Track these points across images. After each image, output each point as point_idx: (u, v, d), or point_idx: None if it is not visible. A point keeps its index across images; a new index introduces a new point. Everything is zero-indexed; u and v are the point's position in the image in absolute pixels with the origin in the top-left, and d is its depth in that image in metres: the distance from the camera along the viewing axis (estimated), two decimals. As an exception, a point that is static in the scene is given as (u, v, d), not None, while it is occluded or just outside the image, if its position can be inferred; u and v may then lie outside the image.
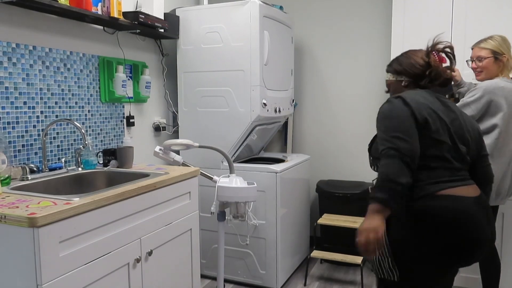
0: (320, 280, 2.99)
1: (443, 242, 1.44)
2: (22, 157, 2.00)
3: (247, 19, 2.69)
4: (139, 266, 1.80)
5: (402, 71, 1.68)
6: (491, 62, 2.12)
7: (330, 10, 3.41)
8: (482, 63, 2.15)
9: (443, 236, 1.44)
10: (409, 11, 2.84)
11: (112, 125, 2.55)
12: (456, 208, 1.44)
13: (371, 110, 3.36)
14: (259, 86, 2.71)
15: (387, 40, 3.21)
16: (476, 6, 2.68)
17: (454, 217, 1.44)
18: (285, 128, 3.59)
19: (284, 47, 3.07)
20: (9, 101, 1.94)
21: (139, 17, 2.40)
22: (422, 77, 1.64)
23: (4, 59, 1.91)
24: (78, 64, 2.30)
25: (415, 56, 1.67)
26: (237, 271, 2.87)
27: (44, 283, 1.35)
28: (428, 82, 1.64)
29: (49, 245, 1.36)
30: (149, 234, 1.86)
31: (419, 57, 1.66)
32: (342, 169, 3.50)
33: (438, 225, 1.44)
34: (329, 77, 3.47)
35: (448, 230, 1.43)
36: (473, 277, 2.58)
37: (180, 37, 2.92)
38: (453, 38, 2.74)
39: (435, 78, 1.63)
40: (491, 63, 2.13)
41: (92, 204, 1.52)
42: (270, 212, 2.72)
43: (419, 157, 1.45)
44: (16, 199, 1.52)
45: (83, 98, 2.34)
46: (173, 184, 2.02)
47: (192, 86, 2.92)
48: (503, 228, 2.52)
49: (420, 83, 1.65)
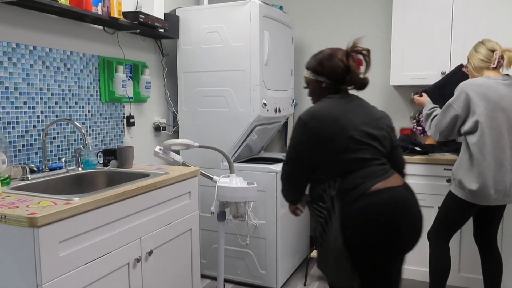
0: (320, 280, 2.99)
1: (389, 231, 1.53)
2: (22, 157, 2.00)
3: (247, 19, 2.69)
4: (139, 266, 1.80)
5: (323, 72, 1.73)
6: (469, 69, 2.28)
7: (330, 10, 3.41)
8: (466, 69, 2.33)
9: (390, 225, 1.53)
10: (409, 11, 2.84)
11: (112, 125, 2.55)
12: (392, 198, 1.56)
13: (371, 110, 3.36)
14: (259, 86, 2.71)
15: (387, 40, 3.21)
16: (476, 6, 2.68)
17: (394, 206, 1.54)
18: (285, 128, 3.59)
19: (284, 47, 3.07)
20: (9, 101, 1.94)
21: (139, 17, 2.40)
22: (342, 81, 1.72)
23: (4, 59, 1.91)
24: (78, 64, 2.30)
25: (336, 57, 1.71)
26: (237, 271, 2.87)
27: (44, 283, 1.35)
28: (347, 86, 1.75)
29: (49, 245, 1.36)
30: (149, 234, 1.86)
31: (339, 59, 1.71)
32: (342, 169, 3.49)
33: (381, 217, 1.52)
34: (329, 77, 3.47)
35: (392, 218, 1.54)
36: (475, 277, 2.59)
37: (180, 37, 2.92)
38: (453, 38, 2.74)
39: (354, 82, 1.73)
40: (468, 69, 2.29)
41: (92, 204, 1.52)
42: (270, 212, 2.72)
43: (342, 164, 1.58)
44: (16, 199, 1.52)
45: (83, 98, 2.34)
46: (173, 184, 2.02)
47: (192, 86, 2.92)
48: (503, 228, 2.52)
49: (340, 86, 1.74)
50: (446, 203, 2.27)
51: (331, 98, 1.71)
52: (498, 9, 2.63)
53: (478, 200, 2.11)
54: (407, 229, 1.57)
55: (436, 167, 2.61)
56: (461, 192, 2.16)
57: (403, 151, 2.77)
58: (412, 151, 2.74)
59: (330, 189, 1.59)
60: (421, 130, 3.04)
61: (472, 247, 2.56)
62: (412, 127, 3.19)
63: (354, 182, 1.56)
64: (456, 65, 2.73)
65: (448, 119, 2.17)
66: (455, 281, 2.63)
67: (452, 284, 2.62)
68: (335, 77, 1.71)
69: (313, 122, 1.60)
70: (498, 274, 2.30)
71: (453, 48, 2.74)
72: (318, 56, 1.76)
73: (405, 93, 3.24)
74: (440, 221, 2.30)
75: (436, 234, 2.31)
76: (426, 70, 2.83)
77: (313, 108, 1.66)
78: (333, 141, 1.58)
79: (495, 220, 2.29)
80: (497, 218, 2.28)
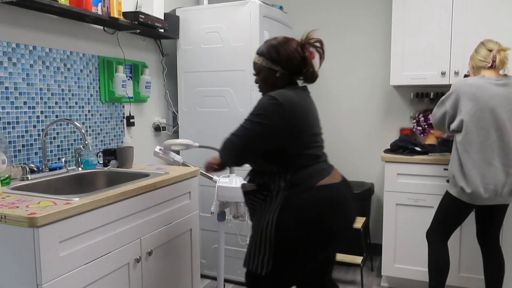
0: (320, 280, 2.99)
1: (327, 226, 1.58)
2: (22, 157, 2.00)
3: (247, 19, 2.69)
4: (139, 266, 1.80)
5: (279, 61, 1.63)
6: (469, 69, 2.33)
7: (330, 10, 3.41)
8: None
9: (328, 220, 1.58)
10: (409, 11, 2.84)
11: (112, 125, 2.55)
12: (334, 195, 1.61)
13: (371, 110, 3.36)
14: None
15: (387, 40, 3.21)
16: (476, 6, 2.68)
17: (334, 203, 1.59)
18: (285, 128, 3.58)
19: (284, 47, 3.07)
20: (9, 101, 1.94)
21: (139, 17, 2.40)
22: (297, 72, 1.66)
23: (4, 59, 1.91)
24: (78, 64, 2.30)
25: (292, 47, 1.65)
26: (237, 271, 2.87)
27: (44, 283, 1.35)
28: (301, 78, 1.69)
29: (49, 245, 1.36)
30: (149, 234, 1.86)
31: (295, 49, 1.65)
32: (342, 169, 3.49)
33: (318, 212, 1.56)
34: (329, 77, 3.47)
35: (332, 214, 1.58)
36: (476, 277, 2.58)
37: (180, 37, 2.92)
38: (453, 38, 2.74)
39: (309, 75, 1.67)
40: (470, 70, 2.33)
41: (92, 204, 1.52)
42: (270, 212, 2.72)
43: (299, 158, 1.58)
44: (16, 199, 1.52)
45: (83, 98, 2.34)
46: (173, 184, 2.02)
47: (192, 86, 2.92)
48: (503, 228, 2.52)
49: (294, 77, 1.68)
50: (443, 203, 2.29)
51: (295, 89, 1.65)
52: (498, 9, 2.63)
53: (470, 199, 2.13)
54: (341, 226, 1.62)
55: (436, 167, 2.61)
56: (455, 190, 2.19)
57: (403, 151, 2.77)
58: (412, 151, 2.75)
59: (280, 181, 1.59)
60: (421, 130, 3.04)
61: (472, 247, 2.56)
62: (412, 127, 3.19)
63: (304, 176, 1.58)
64: (456, 65, 2.73)
65: (440, 113, 2.25)
66: (455, 281, 2.63)
67: (452, 284, 2.62)
68: (291, 67, 1.64)
69: (289, 109, 1.53)
70: (500, 275, 2.30)
71: (453, 48, 2.74)
72: (273, 43, 1.66)
73: (405, 93, 3.24)
74: (438, 220, 2.30)
75: (434, 234, 2.31)
76: (426, 70, 2.83)
77: (288, 94, 1.57)
78: (300, 135, 1.57)
79: (495, 221, 2.29)
80: (497, 218, 2.28)
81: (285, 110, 1.53)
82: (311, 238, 1.56)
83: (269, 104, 1.54)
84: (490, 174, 2.07)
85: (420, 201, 2.67)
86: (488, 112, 2.08)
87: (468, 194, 2.11)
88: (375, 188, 3.36)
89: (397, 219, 2.74)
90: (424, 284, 2.71)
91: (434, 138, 2.99)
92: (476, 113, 2.08)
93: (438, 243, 2.30)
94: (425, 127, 3.01)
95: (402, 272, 2.76)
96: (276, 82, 1.66)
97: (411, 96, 3.19)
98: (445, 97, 2.21)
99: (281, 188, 1.57)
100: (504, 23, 2.62)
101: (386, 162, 2.73)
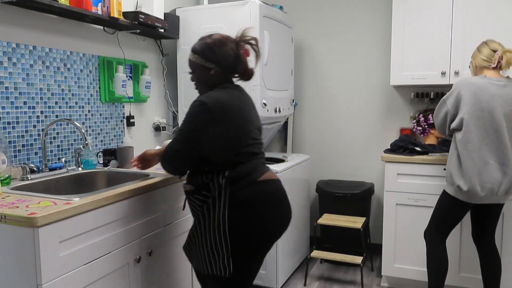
0: (320, 280, 2.99)
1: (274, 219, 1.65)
2: (22, 157, 2.00)
3: (247, 19, 2.68)
4: (139, 266, 1.80)
5: (213, 59, 1.64)
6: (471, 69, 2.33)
7: (330, 10, 3.41)
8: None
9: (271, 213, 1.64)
10: (409, 11, 2.84)
11: (112, 125, 2.55)
12: (275, 188, 1.68)
13: (371, 109, 3.36)
14: (259, 86, 2.71)
15: (387, 40, 3.21)
16: (476, 6, 2.68)
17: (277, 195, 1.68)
18: (285, 128, 3.59)
19: (284, 47, 3.07)
20: (9, 101, 1.94)
21: (139, 17, 2.40)
22: (232, 70, 1.68)
23: (4, 59, 1.91)
24: (78, 64, 2.30)
25: (227, 45, 1.65)
26: (237, 271, 2.86)
27: (44, 283, 1.35)
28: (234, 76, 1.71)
29: (49, 245, 1.36)
30: (149, 234, 1.86)
31: (230, 47, 1.65)
32: (342, 169, 3.50)
33: (266, 205, 1.62)
34: (329, 77, 3.47)
35: (276, 204, 1.66)
36: (474, 277, 2.59)
37: (180, 37, 2.92)
38: (453, 38, 2.74)
39: (243, 73, 1.70)
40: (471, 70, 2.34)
41: (92, 204, 1.52)
42: (270, 212, 2.72)
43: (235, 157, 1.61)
44: (16, 199, 1.52)
45: (83, 98, 2.34)
46: (173, 184, 2.02)
47: (192, 86, 2.90)
48: (503, 228, 2.52)
49: (229, 75, 1.70)
50: (440, 202, 2.29)
51: (227, 88, 1.66)
52: (498, 9, 2.63)
53: (467, 197, 2.14)
54: (285, 216, 1.71)
55: (436, 167, 2.61)
56: (451, 189, 2.19)
57: (403, 151, 2.77)
58: (412, 151, 2.75)
59: (218, 178, 1.60)
60: (421, 130, 3.04)
61: (472, 247, 2.56)
62: (412, 127, 3.19)
63: (245, 171, 1.61)
64: (456, 65, 2.73)
65: (442, 114, 2.25)
66: (455, 281, 2.63)
67: (452, 284, 2.62)
68: (226, 65, 1.65)
69: (219, 111, 1.55)
70: (497, 274, 2.30)
71: (453, 48, 2.74)
72: (208, 41, 1.66)
73: (405, 93, 3.24)
74: (435, 220, 2.31)
75: (432, 233, 2.32)
76: (426, 70, 2.83)
77: (217, 96, 1.59)
78: (234, 135, 1.59)
79: (491, 220, 2.29)
80: (493, 217, 2.29)
81: (214, 113, 1.55)
82: (262, 231, 1.62)
83: (198, 109, 1.57)
84: (487, 173, 2.08)
85: (420, 201, 2.67)
86: (487, 112, 2.09)
87: (465, 192, 2.12)
88: (375, 188, 3.36)
89: (397, 219, 2.74)
90: (424, 284, 2.71)
91: (434, 138, 2.99)
92: (476, 112, 2.10)
93: (436, 242, 2.30)
94: (425, 127, 3.01)
95: (402, 272, 2.76)
96: (211, 80, 1.68)
97: (411, 96, 3.19)
98: (447, 96, 2.22)
99: (222, 186, 1.59)
100: (505, 23, 2.62)
101: (386, 162, 2.73)
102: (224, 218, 1.57)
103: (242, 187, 1.60)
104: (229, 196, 1.58)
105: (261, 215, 1.61)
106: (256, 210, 1.60)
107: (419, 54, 2.84)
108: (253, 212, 1.60)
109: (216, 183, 1.60)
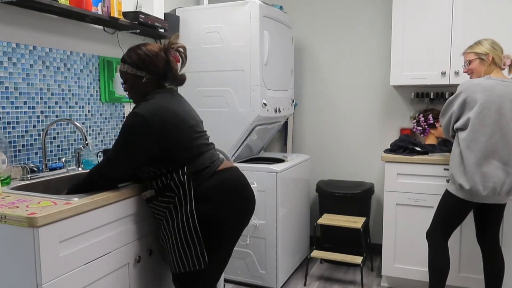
0: (320, 280, 2.99)
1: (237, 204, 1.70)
2: (22, 157, 2.00)
3: (247, 19, 2.69)
4: (139, 266, 1.80)
5: (144, 68, 1.69)
6: (477, 63, 2.25)
7: (330, 10, 3.41)
8: (470, 65, 2.29)
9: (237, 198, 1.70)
10: (409, 11, 2.84)
11: (112, 125, 2.55)
12: (235, 175, 1.75)
13: (371, 109, 3.36)
14: (259, 86, 2.71)
15: (387, 40, 3.21)
16: (476, 6, 2.68)
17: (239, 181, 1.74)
18: (285, 128, 3.59)
19: (284, 47, 3.07)
20: (9, 101, 1.94)
21: (139, 17, 2.40)
22: (163, 77, 1.74)
23: (4, 59, 1.91)
24: (78, 64, 2.30)
25: (156, 53, 1.70)
26: (237, 271, 2.87)
27: (44, 283, 1.35)
28: (166, 82, 1.78)
29: (49, 245, 1.36)
30: (149, 234, 1.86)
31: (158, 54, 1.70)
32: (342, 169, 3.50)
33: (231, 192, 1.69)
34: (329, 77, 3.47)
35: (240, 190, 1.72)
36: (475, 277, 2.58)
37: (180, 37, 2.92)
38: (453, 38, 2.74)
39: (174, 79, 1.75)
40: (477, 64, 2.25)
41: (92, 204, 1.52)
42: (270, 212, 2.72)
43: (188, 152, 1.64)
44: (16, 199, 1.52)
45: (83, 98, 2.34)
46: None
47: (192, 86, 2.92)
48: (503, 228, 2.52)
49: (161, 81, 1.76)
50: (442, 201, 2.29)
51: (160, 93, 1.70)
52: (498, 9, 2.63)
53: (469, 196, 2.14)
54: (250, 200, 1.77)
55: (436, 167, 2.61)
56: (453, 187, 2.20)
57: (403, 151, 2.77)
58: (412, 151, 2.75)
59: (179, 175, 1.62)
60: (421, 130, 3.04)
61: (472, 247, 2.56)
62: (412, 127, 3.19)
63: (203, 163, 1.67)
64: (456, 65, 2.73)
65: (448, 115, 2.26)
66: (455, 281, 2.63)
67: (452, 284, 2.62)
68: (157, 72, 1.71)
69: (156, 122, 1.58)
70: (499, 275, 2.30)
71: (453, 48, 2.74)
72: (137, 50, 1.71)
73: (405, 93, 3.24)
74: (437, 219, 2.31)
75: (434, 233, 2.32)
76: (426, 70, 2.83)
77: (151, 106, 1.62)
78: (178, 135, 1.62)
79: (494, 220, 2.29)
80: (496, 218, 2.29)
81: (149, 121, 1.57)
82: (230, 217, 1.67)
83: (133, 122, 1.59)
84: (490, 172, 2.09)
85: (420, 201, 2.67)
86: (494, 112, 2.10)
87: (467, 191, 2.12)
88: (375, 188, 3.36)
89: (397, 219, 2.74)
90: (424, 284, 2.71)
91: (434, 138, 2.99)
92: (482, 111, 2.11)
93: (438, 243, 2.30)
94: (425, 127, 3.01)
95: (402, 272, 2.76)
96: (144, 88, 1.72)
97: (411, 96, 3.19)
98: (453, 98, 2.22)
99: (185, 182, 1.62)
100: (505, 23, 2.62)
101: (386, 162, 2.73)
102: (192, 212, 1.60)
103: (205, 178, 1.65)
104: (194, 190, 1.62)
105: (229, 201, 1.67)
106: (223, 197, 1.66)
107: (419, 54, 2.84)
108: (220, 201, 1.65)
109: (178, 181, 1.63)
